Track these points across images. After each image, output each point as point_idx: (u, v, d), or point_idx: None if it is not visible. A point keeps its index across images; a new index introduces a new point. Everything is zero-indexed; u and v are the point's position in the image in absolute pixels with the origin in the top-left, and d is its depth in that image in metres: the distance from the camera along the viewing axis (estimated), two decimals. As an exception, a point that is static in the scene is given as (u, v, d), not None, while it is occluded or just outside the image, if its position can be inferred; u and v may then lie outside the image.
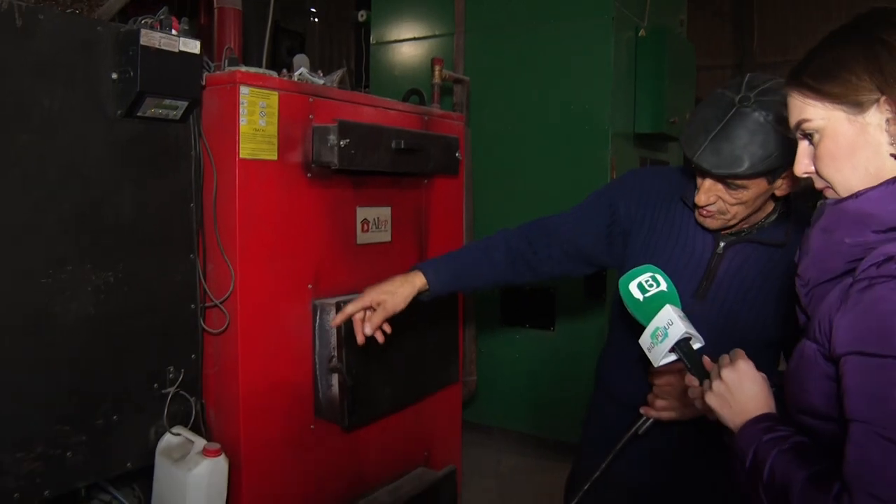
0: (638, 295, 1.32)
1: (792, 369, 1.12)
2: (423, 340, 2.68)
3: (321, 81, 2.38)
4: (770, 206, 1.66)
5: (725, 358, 1.23)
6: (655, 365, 1.29)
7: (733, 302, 1.67)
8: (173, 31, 1.79)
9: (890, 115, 1.02)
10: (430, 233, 2.84)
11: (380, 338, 1.76)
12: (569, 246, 1.87)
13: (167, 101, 1.80)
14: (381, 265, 2.59)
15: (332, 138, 2.21)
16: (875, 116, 1.04)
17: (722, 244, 1.69)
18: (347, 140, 2.22)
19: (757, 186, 1.54)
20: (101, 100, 1.74)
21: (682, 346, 1.25)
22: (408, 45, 4.60)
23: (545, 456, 3.90)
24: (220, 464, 1.87)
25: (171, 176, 1.92)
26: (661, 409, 1.72)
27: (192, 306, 1.99)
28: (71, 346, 1.71)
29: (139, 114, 1.78)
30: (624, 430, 1.78)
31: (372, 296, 1.73)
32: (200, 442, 1.89)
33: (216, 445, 1.88)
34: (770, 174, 1.52)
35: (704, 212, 1.63)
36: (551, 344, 4.14)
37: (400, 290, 1.75)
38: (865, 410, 0.95)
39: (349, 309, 1.74)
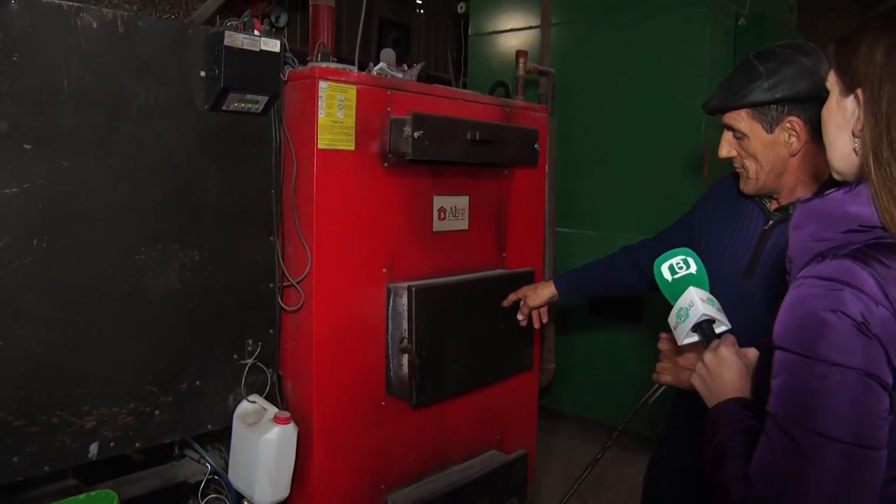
0: (668, 276, 1.38)
1: (762, 359, 1.16)
2: (497, 326, 2.75)
3: (400, 75, 2.49)
4: (814, 183, 1.72)
5: (716, 342, 1.27)
6: (679, 343, 1.34)
7: (777, 279, 1.67)
8: (256, 32, 1.95)
9: (860, 107, 1.03)
10: (508, 222, 2.90)
11: (535, 323, 2.44)
12: None
13: (249, 96, 1.97)
14: (458, 252, 2.69)
15: (407, 129, 2.31)
16: (853, 103, 1.04)
17: (770, 222, 1.75)
18: (421, 131, 2.32)
19: (755, 134, 1.66)
20: (190, 95, 1.93)
21: (703, 327, 1.30)
22: (503, 36, 4.65)
23: (622, 447, 3.88)
24: (289, 431, 2.03)
25: (254, 164, 2.09)
26: (660, 371, 1.81)
27: (271, 285, 2.16)
28: (160, 317, 1.91)
29: (224, 108, 1.95)
30: (690, 420, 1.85)
31: (521, 290, 2.40)
32: (273, 410, 2.06)
33: (286, 413, 2.04)
34: (760, 115, 1.65)
35: (739, 171, 1.77)
36: (638, 337, 4.11)
37: (540, 291, 2.34)
38: (776, 405, 0.98)
39: (511, 297, 2.41)
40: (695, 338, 1.32)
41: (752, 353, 1.36)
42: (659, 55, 3.92)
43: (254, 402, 2.09)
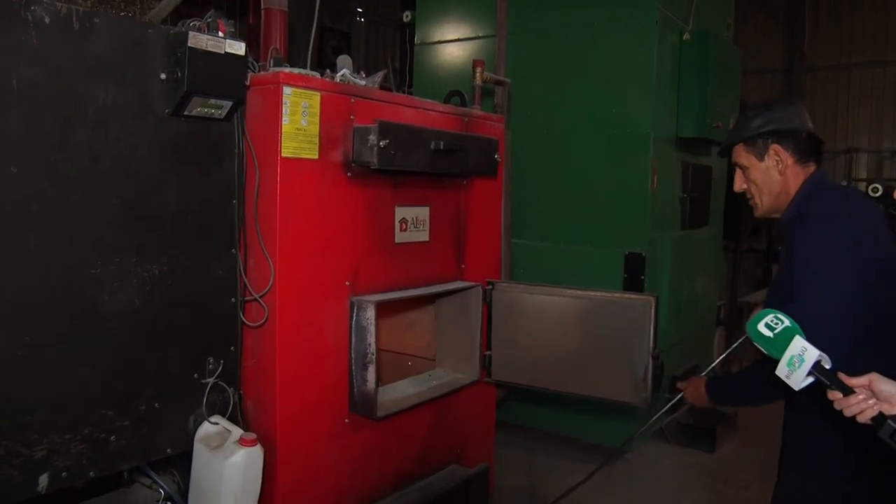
0: (768, 333, 1.52)
1: None
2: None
3: (363, 82, 2.42)
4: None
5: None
6: (796, 389, 1.47)
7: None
8: (220, 34, 1.85)
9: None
10: (467, 233, 2.87)
11: None
12: None
13: (212, 101, 1.87)
14: (419, 264, 2.63)
15: (372, 138, 2.25)
16: None
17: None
18: (387, 140, 2.26)
19: (752, 164, 2.02)
20: (150, 98, 1.81)
21: (817, 367, 1.45)
22: (451, 46, 4.62)
23: (578, 457, 3.89)
24: (256, 453, 1.93)
25: (215, 173, 1.99)
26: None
27: (233, 300, 2.05)
28: (117, 336, 1.78)
29: (185, 113, 1.85)
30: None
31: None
32: (237, 431, 1.95)
33: (252, 435, 1.94)
34: (751, 148, 2.01)
35: (751, 203, 2.10)
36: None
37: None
38: None
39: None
40: (810, 380, 1.46)
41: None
42: (608, 68, 3.96)
43: (216, 423, 1.98)
